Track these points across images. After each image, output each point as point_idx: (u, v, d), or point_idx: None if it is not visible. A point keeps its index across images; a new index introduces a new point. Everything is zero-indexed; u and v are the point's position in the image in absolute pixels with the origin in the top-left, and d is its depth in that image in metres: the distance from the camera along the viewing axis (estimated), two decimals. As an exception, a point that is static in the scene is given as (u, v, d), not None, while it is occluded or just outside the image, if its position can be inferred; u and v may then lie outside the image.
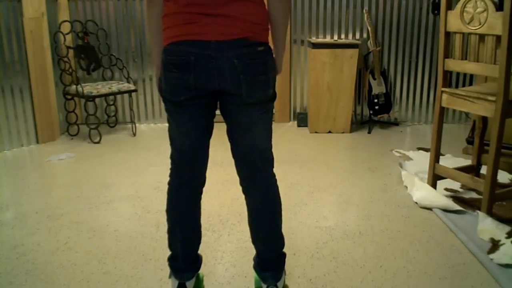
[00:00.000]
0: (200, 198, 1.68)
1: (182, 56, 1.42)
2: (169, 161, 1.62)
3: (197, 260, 1.74)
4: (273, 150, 1.64)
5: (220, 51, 1.40)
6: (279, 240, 1.70)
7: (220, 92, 1.48)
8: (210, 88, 1.45)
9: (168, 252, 1.71)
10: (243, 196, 1.68)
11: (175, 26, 1.43)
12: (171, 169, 1.63)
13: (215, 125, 1.63)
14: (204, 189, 1.68)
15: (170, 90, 1.48)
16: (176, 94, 1.47)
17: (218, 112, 1.58)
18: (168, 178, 1.64)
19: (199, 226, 1.70)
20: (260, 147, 1.58)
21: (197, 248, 1.72)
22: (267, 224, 1.66)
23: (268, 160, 1.62)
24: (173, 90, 1.47)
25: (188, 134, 1.54)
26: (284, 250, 1.73)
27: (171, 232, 1.67)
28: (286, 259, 1.76)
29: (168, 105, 1.53)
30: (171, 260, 1.70)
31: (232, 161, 1.63)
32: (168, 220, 1.67)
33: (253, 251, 1.75)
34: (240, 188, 1.66)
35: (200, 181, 1.65)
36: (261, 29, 1.47)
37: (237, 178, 1.65)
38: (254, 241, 1.71)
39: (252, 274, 1.90)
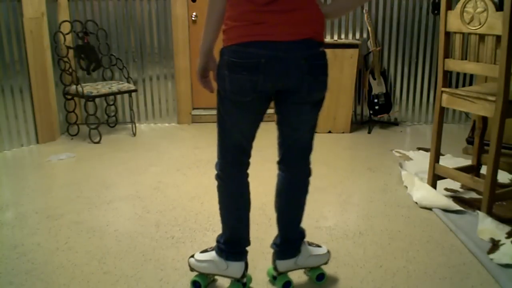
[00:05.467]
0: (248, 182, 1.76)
1: (252, 59, 1.46)
2: (169, 161, 1.62)
3: None
4: (272, 150, 1.69)
5: (290, 52, 1.47)
6: (301, 216, 1.79)
7: (280, 91, 1.55)
8: (275, 88, 1.53)
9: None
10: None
11: (242, 26, 1.46)
12: (220, 164, 1.69)
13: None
14: (205, 189, 1.69)
15: (237, 91, 1.52)
16: (243, 95, 1.52)
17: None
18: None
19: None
20: (307, 141, 1.70)
21: None
22: (298, 196, 1.76)
23: (310, 151, 1.74)
24: (240, 91, 1.52)
25: (246, 130, 1.63)
26: None
27: (238, 218, 1.73)
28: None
29: (228, 105, 1.58)
30: (237, 246, 1.75)
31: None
32: (232, 210, 1.73)
33: (253, 252, 1.75)
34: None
35: (249, 165, 1.73)
36: (322, 29, 1.54)
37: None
38: (282, 211, 1.78)
39: (251, 275, 1.90)
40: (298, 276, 1.89)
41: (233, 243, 1.74)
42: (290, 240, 1.79)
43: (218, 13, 1.50)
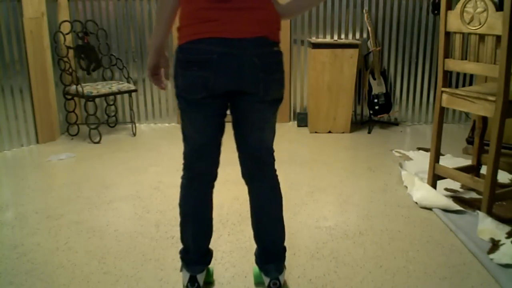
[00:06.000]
0: (211, 192, 1.70)
1: (204, 54, 1.43)
2: (169, 161, 1.62)
3: (208, 254, 1.76)
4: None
5: (242, 49, 1.43)
6: (283, 231, 1.73)
7: (235, 92, 1.50)
8: (227, 87, 1.47)
9: (171, 251, 1.71)
10: (243, 196, 1.68)
11: (195, 24, 1.44)
12: (183, 164, 1.65)
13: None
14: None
15: (188, 88, 1.49)
16: (194, 92, 1.48)
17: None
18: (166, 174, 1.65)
19: (210, 219, 1.72)
20: (267, 143, 1.64)
21: (208, 242, 1.74)
22: (274, 212, 1.69)
23: (272, 154, 1.68)
24: (191, 88, 1.48)
25: (202, 133, 1.57)
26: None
27: (182, 225, 1.70)
28: (286, 259, 1.76)
29: (183, 104, 1.54)
30: (183, 253, 1.73)
31: (232, 161, 1.64)
32: (180, 213, 1.69)
33: (253, 251, 1.75)
34: (239, 188, 1.67)
35: (211, 176, 1.68)
36: (276, 28, 1.52)
37: (237, 179, 1.65)
38: (259, 233, 1.72)
39: (252, 274, 1.90)
40: (297, 284, 1.89)
41: (183, 248, 1.74)
42: (273, 260, 1.72)
43: (170, 8, 1.47)
